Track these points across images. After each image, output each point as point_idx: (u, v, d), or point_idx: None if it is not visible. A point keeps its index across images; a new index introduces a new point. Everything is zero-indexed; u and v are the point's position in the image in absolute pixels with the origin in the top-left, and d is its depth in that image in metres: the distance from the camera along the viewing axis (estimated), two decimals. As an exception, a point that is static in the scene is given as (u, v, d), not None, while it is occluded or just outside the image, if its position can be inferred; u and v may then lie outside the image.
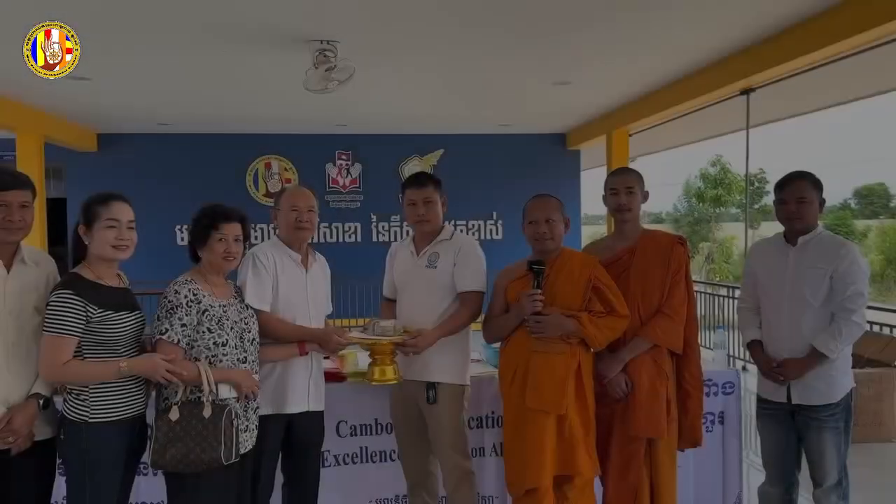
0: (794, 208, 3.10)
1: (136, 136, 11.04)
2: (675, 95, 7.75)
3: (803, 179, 3.13)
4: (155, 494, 3.27)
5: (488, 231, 11.77)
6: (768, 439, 3.26)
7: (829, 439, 3.05)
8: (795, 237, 3.15)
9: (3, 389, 2.46)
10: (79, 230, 2.60)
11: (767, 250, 3.27)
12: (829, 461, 3.06)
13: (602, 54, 6.51)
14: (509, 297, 3.13)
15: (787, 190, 3.13)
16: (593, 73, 7.34)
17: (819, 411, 3.06)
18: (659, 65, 6.98)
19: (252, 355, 2.81)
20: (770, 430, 3.24)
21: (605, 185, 3.29)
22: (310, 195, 3.15)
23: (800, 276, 3.09)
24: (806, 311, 3.07)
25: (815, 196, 3.11)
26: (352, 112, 9.46)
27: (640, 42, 6.08)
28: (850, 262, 3.02)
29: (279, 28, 5.48)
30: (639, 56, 6.59)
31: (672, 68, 7.11)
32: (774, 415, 3.20)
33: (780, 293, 3.14)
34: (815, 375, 3.06)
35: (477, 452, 3.63)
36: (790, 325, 3.10)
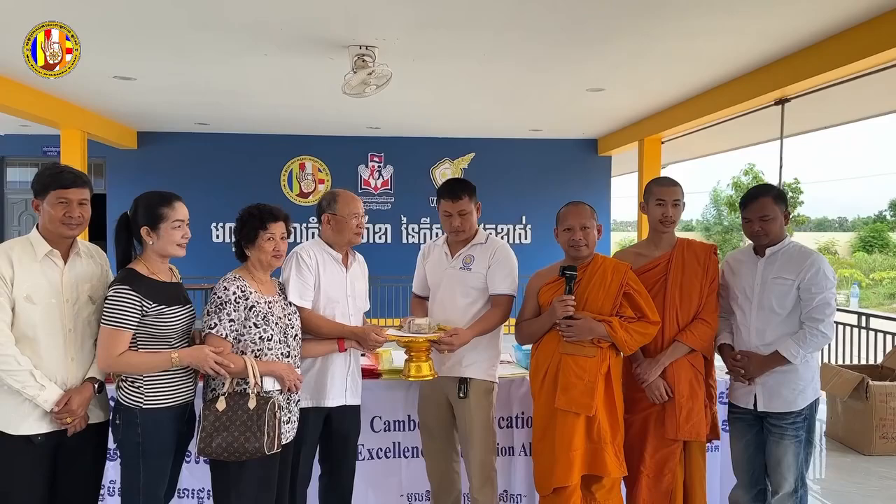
0: (757, 227, 3.16)
1: (175, 134, 11.29)
2: (709, 104, 7.74)
3: (766, 197, 3.17)
4: (196, 482, 3.40)
5: (517, 235, 11.82)
6: (737, 445, 3.30)
7: (787, 447, 3.09)
8: (763, 249, 3.21)
9: (62, 373, 2.60)
10: (142, 231, 2.70)
11: (738, 261, 3.32)
12: (787, 468, 3.09)
13: (636, 62, 6.54)
14: (541, 301, 3.21)
15: (750, 208, 3.18)
16: (627, 81, 7.37)
17: (781, 419, 3.10)
18: (693, 73, 6.99)
19: (295, 350, 2.92)
20: (739, 436, 3.28)
21: (648, 193, 3.29)
22: (361, 202, 3.26)
23: (767, 286, 3.15)
24: (772, 320, 3.12)
25: (779, 211, 3.16)
26: (385, 115, 9.59)
27: (675, 51, 6.11)
28: (816, 272, 3.06)
29: (320, 33, 5.61)
30: (673, 64, 6.61)
31: (706, 77, 7.11)
32: (743, 419, 3.24)
33: (748, 302, 3.20)
34: (782, 383, 3.11)
35: (507, 451, 3.72)
36: (758, 333, 3.15)
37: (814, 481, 4.88)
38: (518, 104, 8.74)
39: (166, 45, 6.04)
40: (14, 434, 2.53)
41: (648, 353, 3.17)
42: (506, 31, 5.56)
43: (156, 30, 5.60)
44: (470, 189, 3.37)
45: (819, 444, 5.75)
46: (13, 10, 5.11)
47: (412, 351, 3.19)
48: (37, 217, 2.70)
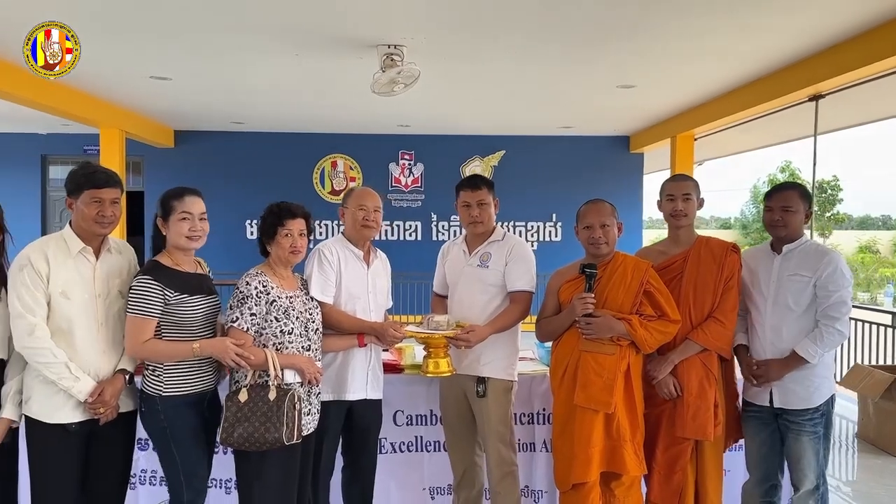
0: (778, 216, 3.14)
1: (211, 133, 11.50)
2: (742, 100, 7.64)
3: (792, 190, 3.18)
4: (222, 472, 3.49)
5: (546, 233, 11.80)
6: (752, 442, 3.27)
7: (806, 444, 3.06)
8: (780, 245, 3.18)
9: (95, 364, 2.71)
10: (157, 222, 2.84)
11: (754, 257, 3.29)
12: (807, 465, 3.07)
13: (668, 58, 6.49)
14: (561, 299, 3.23)
15: (775, 198, 3.18)
16: (658, 77, 7.31)
17: (798, 416, 3.08)
18: (726, 69, 6.90)
19: (315, 344, 3.00)
20: (754, 433, 3.25)
21: (660, 191, 3.35)
22: (376, 196, 3.32)
23: (783, 283, 3.13)
24: (788, 318, 3.09)
25: (802, 206, 3.15)
26: (415, 113, 9.65)
27: (707, 47, 6.05)
28: (834, 271, 3.03)
29: (349, 33, 5.68)
30: (705, 60, 6.55)
31: (739, 73, 7.02)
32: (758, 417, 3.22)
33: (763, 300, 3.17)
34: (796, 380, 3.08)
35: (528, 448, 3.74)
36: (773, 331, 3.13)
37: (844, 483, 4.82)
38: (548, 101, 8.73)
39: (201, 46, 6.18)
40: (49, 423, 2.65)
41: (660, 351, 3.17)
42: (535, 29, 5.57)
43: (191, 31, 5.74)
44: (489, 182, 3.43)
45: (850, 446, 5.66)
46: (51, 12, 5.27)
47: (430, 347, 3.23)
48: None
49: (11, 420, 2.67)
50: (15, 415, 2.67)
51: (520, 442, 3.62)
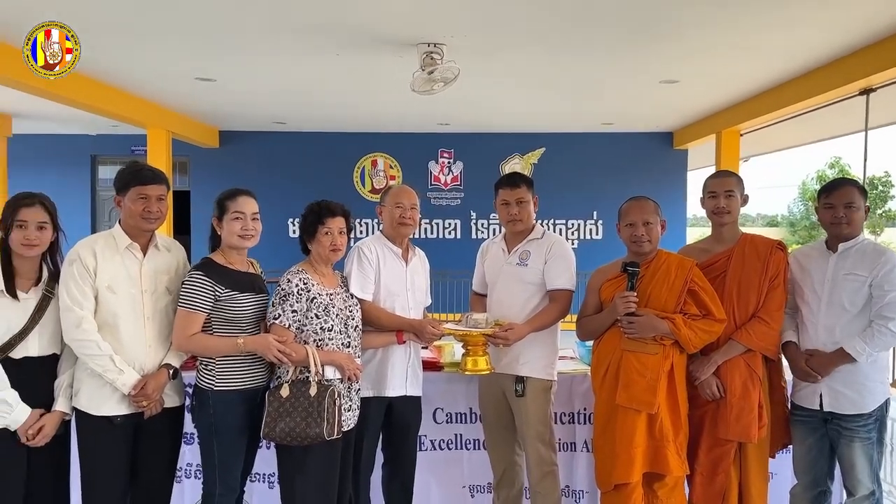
0: (841, 213, 3.04)
1: (255, 133, 11.69)
2: (790, 95, 7.46)
3: (852, 186, 3.07)
4: (266, 466, 3.55)
5: (588, 231, 11.69)
6: (800, 446, 3.18)
7: (859, 450, 2.96)
8: (836, 244, 3.08)
9: (140, 359, 2.78)
10: (213, 222, 2.92)
11: (807, 256, 3.20)
12: (861, 471, 2.97)
13: (712, 53, 6.37)
14: (603, 297, 3.19)
15: (835, 195, 3.07)
16: (702, 72, 7.18)
17: (850, 421, 2.98)
18: (773, 63, 6.75)
19: (355, 341, 3.03)
20: (802, 437, 3.16)
21: (703, 188, 3.29)
22: (413, 194, 3.34)
23: (837, 282, 3.03)
24: (842, 318, 3.00)
25: (862, 204, 3.05)
26: (455, 111, 9.66)
27: (753, 41, 5.92)
28: (891, 270, 2.93)
29: (389, 32, 5.72)
30: (752, 55, 6.40)
31: (787, 67, 6.85)
32: (807, 421, 3.12)
33: (816, 299, 3.08)
34: (848, 384, 2.99)
35: (568, 447, 3.72)
36: (826, 331, 3.03)
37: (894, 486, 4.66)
38: (589, 97, 8.65)
39: (244, 47, 6.29)
40: (96, 415, 2.73)
41: (704, 351, 3.11)
42: (576, 24, 5.52)
43: (234, 33, 5.84)
44: (528, 180, 3.41)
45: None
46: (99, 17, 5.42)
47: (469, 345, 3.23)
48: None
49: (63, 412, 2.75)
50: (67, 407, 2.75)
51: (560, 441, 3.60)
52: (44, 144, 11.70)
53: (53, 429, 2.71)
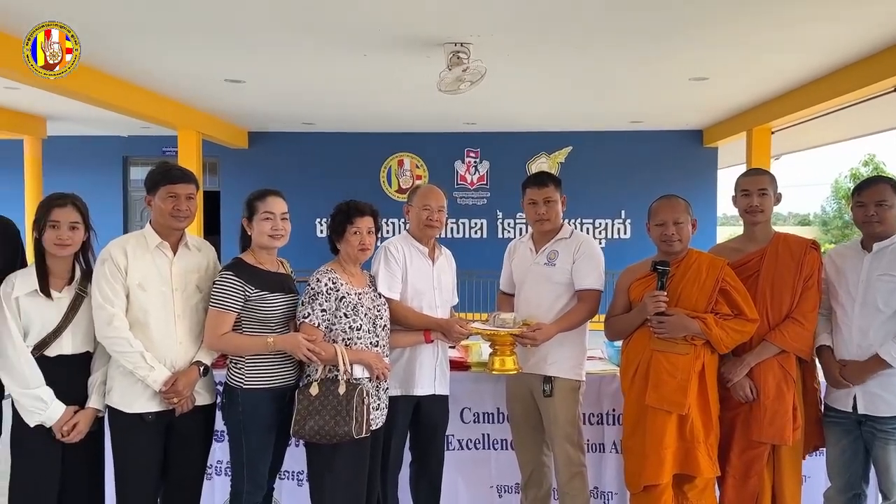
0: (872, 211, 2.97)
1: (283, 134, 11.79)
2: (823, 91, 7.32)
3: (885, 183, 2.99)
4: (295, 464, 3.57)
5: (615, 230, 11.61)
6: (833, 449, 3.10)
7: (894, 452, 2.88)
8: (871, 243, 3.01)
9: (171, 356, 2.82)
10: (243, 223, 2.95)
11: (842, 256, 3.12)
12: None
13: (742, 49, 6.27)
14: (632, 297, 3.16)
15: (867, 192, 3.00)
16: (733, 69, 7.08)
17: (885, 423, 2.90)
18: (806, 59, 6.63)
19: (383, 340, 3.03)
20: (835, 440, 3.08)
21: (735, 186, 3.24)
22: (441, 195, 3.33)
23: (872, 283, 2.96)
24: (876, 319, 2.92)
25: (895, 201, 2.96)
26: (481, 111, 9.64)
27: (786, 36, 5.82)
28: None
29: (416, 32, 5.72)
30: (784, 50, 6.30)
31: (820, 63, 6.73)
32: (840, 423, 3.05)
33: (851, 300, 3.01)
34: (884, 385, 2.91)
35: (597, 448, 3.69)
36: (860, 333, 2.96)
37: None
38: (617, 95, 8.58)
39: (273, 48, 6.34)
40: (128, 412, 2.77)
41: (736, 352, 3.06)
42: (604, 20, 5.47)
43: (263, 34, 5.89)
44: (556, 179, 3.39)
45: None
46: (130, 19, 5.50)
47: (496, 345, 3.21)
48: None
49: (97, 409, 2.80)
50: (100, 404, 2.80)
51: (589, 442, 3.56)
52: (77, 146, 11.93)
53: (87, 425, 2.76)
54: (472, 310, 9.07)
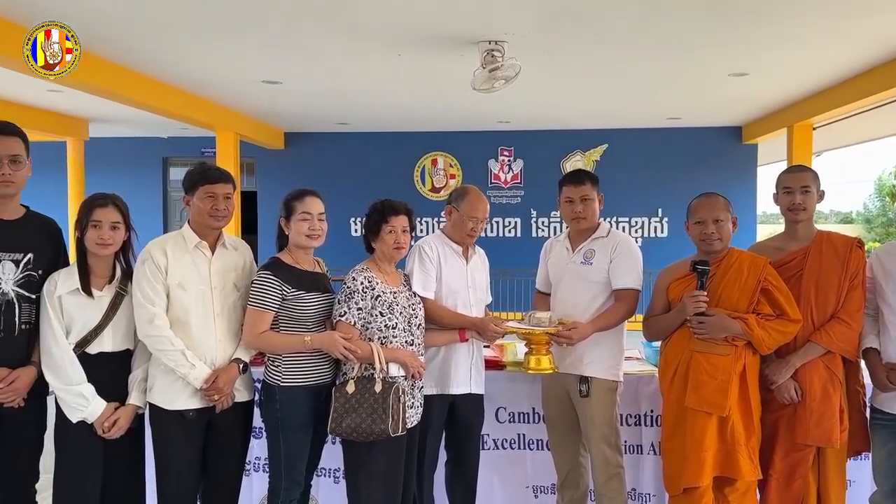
0: None
1: (318, 134, 11.90)
2: (867, 86, 7.13)
3: None
4: (332, 461, 3.59)
5: (652, 229, 11.47)
6: (880, 451, 3.00)
7: None
8: None
9: (210, 353, 2.85)
10: (280, 222, 2.98)
11: (889, 254, 3.02)
12: None
13: (784, 44, 6.14)
14: (671, 297, 3.11)
15: None
16: (773, 64, 6.94)
17: None
18: (848, 53, 6.46)
19: (418, 339, 3.04)
20: (882, 443, 2.97)
21: (776, 184, 3.17)
22: (487, 205, 3.31)
23: None
24: None
25: None
26: (515, 109, 9.60)
27: (828, 29, 5.68)
28: None
29: (450, 31, 5.71)
30: (826, 44, 6.15)
31: (863, 56, 6.55)
32: (888, 426, 2.94)
33: None
34: None
35: (635, 450, 3.64)
36: None
37: None
38: (654, 92, 8.48)
39: (309, 49, 6.40)
40: (169, 409, 2.81)
41: (779, 353, 2.99)
42: (641, 16, 5.40)
43: (300, 35, 5.94)
44: (593, 177, 3.35)
45: None
46: (171, 22, 5.59)
47: (532, 344, 3.19)
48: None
49: (137, 406, 2.84)
50: (140, 401, 2.85)
51: (626, 444, 3.52)
52: (118, 147, 12.18)
53: (128, 422, 2.81)
54: (505, 309, 9.05)
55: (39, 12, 4.98)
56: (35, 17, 5.18)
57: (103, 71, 6.70)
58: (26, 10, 5.03)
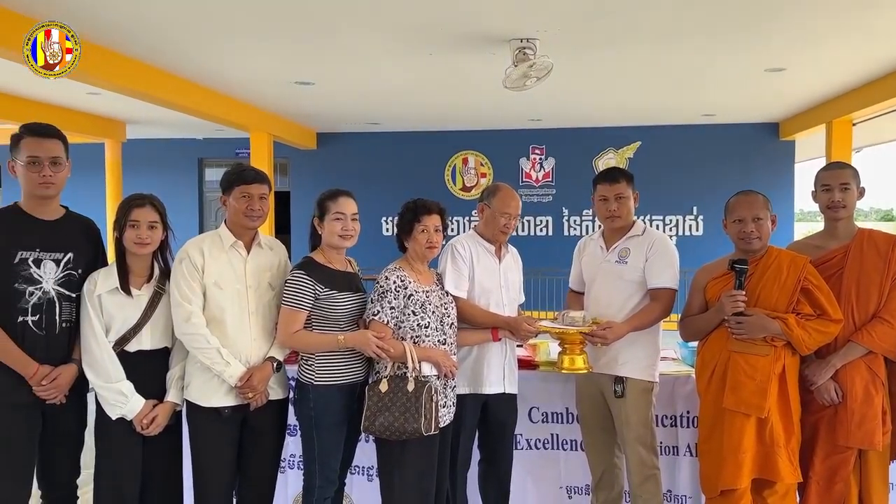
0: None
1: (349, 134, 11.97)
2: (909, 79, 6.95)
3: None
4: (365, 459, 3.61)
5: (687, 227, 11.31)
6: None
7: None
8: None
9: (245, 351, 2.88)
10: (314, 222, 3.00)
11: None
12: None
13: (822, 38, 6.00)
14: (708, 296, 3.07)
15: None
16: (811, 59, 6.79)
17: None
18: (887, 48, 6.30)
19: (451, 338, 3.03)
20: None
21: (815, 181, 3.11)
22: (519, 202, 3.30)
23: None
24: None
25: None
26: (547, 107, 9.54)
27: (868, 22, 5.53)
28: None
29: (482, 29, 5.69)
30: (866, 37, 5.99)
31: (906, 49, 6.39)
32: None
33: None
34: None
35: (671, 451, 3.59)
36: None
37: None
38: (689, 88, 8.35)
39: (341, 49, 6.43)
40: (205, 406, 2.85)
41: (819, 353, 2.94)
42: (675, 11, 5.32)
43: (332, 36, 5.98)
44: (628, 175, 3.31)
45: None
46: (207, 27, 5.66)
47: (566, 343, 3.17)
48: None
49: (175, 403, 2.89)
50: (178, 398, 2.89)
51: (662, 445, 3.47)
52: (155, 148, 12.40)
53: (165, 418, 2.85)
54: (537, 308, 9.00)
55: (83, 16, 5.10)
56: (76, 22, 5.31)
57: (141, 74, 6.83)
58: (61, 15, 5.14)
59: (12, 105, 8.69)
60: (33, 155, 2.70)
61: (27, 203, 2.78)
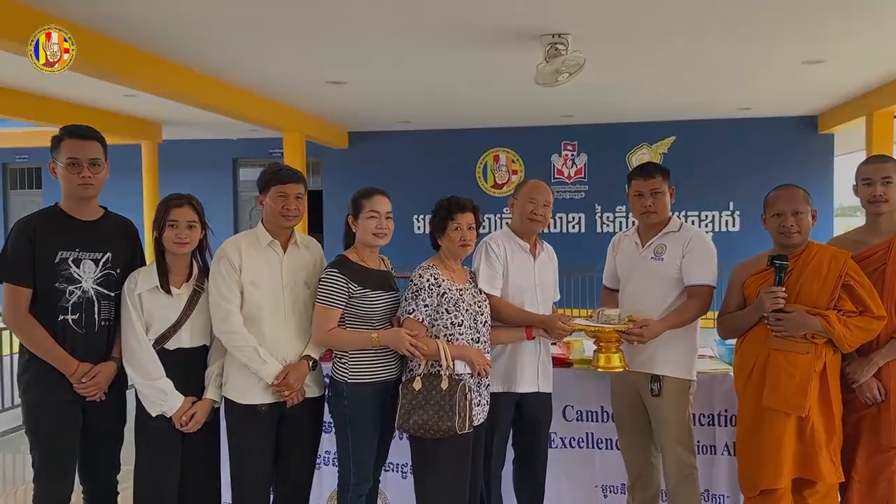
0: None
1: (381, 133, 12.02)
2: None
3: None
4: (399, 457, 3.62)
5: (723, 223, 11.14)
6: None
7: None
8: None
9: (282, 350, 2.91)
10: (348, 220, 3.01)
11: None
12: None
13: (861, 29, 5.86)
14: (747, 293, 3.02)
15: None
16: (851, 50, 6.63)
17: None
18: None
19: (484, 336, 3.02)
20: None
21: (856, 174, 3.04)
22: (548, 191, 3.28)
23: None
24: None
25: None
26: (579, 103, 9.47)
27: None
28: None
29: (514, 25, 5.67)
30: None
31: (951, 38, 6.19)
32: None
33: None
34: None
35: (708, 450, 3.54)
36: None
37: None
38: (725, 82, 8.22)
39: (372, 49, 6.47)
40: (242, 403, 2.89)
41: (861, 351, 2.87)
42: (711, 5, 5.24)
43: (364, 35, 6.01)
44: (664, 170, 3.26)
45: None
46: (241, 29, 5.73)
47: (601, 341, 3.14)
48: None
49: (213, 401, 2.93)
50: (216, 396, 2.94)
51: (699, 444, 3.43)
52: (191, 149, 12.59)
53: (204, 415, 2.89)
54: (568, 305, 8.93)
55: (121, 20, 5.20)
56: (112, 26, 5.42)
57: (176, 76, 6.94)
58: (99, 18, 5.26)
59: (51, 108, 8.92)
60: (73, 156, 2.76)
61: (67, 204, 2.85)
